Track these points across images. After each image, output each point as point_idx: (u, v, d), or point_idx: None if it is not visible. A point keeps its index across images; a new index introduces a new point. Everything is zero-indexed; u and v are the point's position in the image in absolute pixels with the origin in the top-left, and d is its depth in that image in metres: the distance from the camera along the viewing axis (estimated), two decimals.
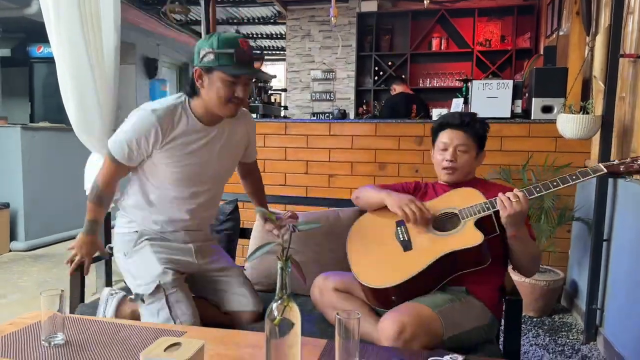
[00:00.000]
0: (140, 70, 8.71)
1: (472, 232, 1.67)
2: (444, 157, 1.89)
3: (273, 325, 1.05)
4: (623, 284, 2.68)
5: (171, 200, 1.90)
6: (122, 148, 1.80)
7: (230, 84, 1.72)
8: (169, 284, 1.81)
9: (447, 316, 1.60)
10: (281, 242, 1.08)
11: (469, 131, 1.89)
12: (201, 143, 1.83)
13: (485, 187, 1.88)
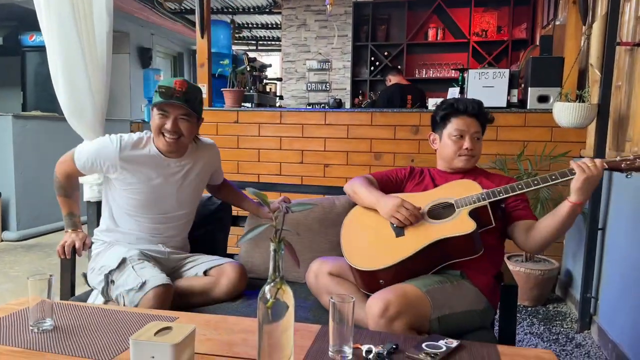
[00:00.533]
0: (134, 59, 8.64)
1: (465, 220, 1.66)
2: (460, 145, 1.86)
3: (266, 309, 1.03)
4: (617, 273, 2.68)
5: (137, 223, 2.01)
6: (85, 159, 1.95)
7: (160, 116, 1.89)
8: (134, 256, 1.86)
9: (435, 296, 1.60)
10: (274, 224, 1.05)
11: (482, 119, 1.90)
12: (160, 174, 1.98)
13: (486, 176, 1.89)
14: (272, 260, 1.05)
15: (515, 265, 3.29)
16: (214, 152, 2.19)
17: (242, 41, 10.75)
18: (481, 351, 1.25)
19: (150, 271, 1.80)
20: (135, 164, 1.95)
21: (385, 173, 2.01)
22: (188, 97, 1.89)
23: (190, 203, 2.12)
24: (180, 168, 2.02)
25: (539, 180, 1.63)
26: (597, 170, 1.53)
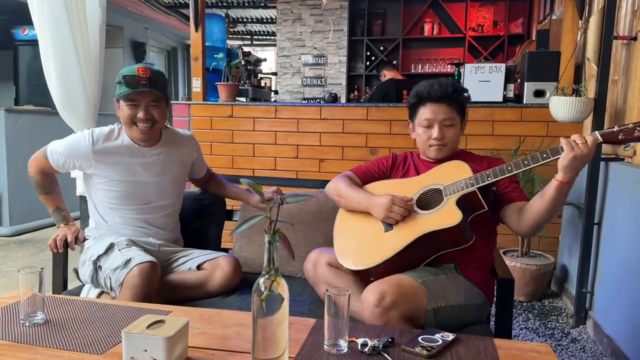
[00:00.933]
0: (128, 54, 8.57)
1: (451, 211, 1.60)
2: (429, 135, 1.78)
3: (260, 301, 1.01)
4: (613, 267, 2.68)
5: (122, 217, 1.99)
6: (57, 156, 1.94)
7: (131, 107, 1.87)
8: (122, 242, 1.85)
9: (430, 287, 1.57)
10: (269, 216, 1.03)
11: (453, 103, 1.76)
12: (137, 163, 1.96)
13: (473, 159, 1.81)
14: (267, 252, 1.03)
15: (511, 261, 3.29)
16: (192, 143, 2.18)
17: (236, 36, 10.69)
18: (477, 344, 1.24)
19: (136, 251, 1.79)
20: (110, 156, 1.93)
21: (366, 167, 1.93)
22: (154, 82, 1.87)
23: (173, 193, 2.08)
24: (157, 156, 2.01)
25: (529, 160, 1.54)
26: (587, 148, 1.43)
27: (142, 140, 1.95)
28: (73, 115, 2.98)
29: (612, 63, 2.85)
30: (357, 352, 1.19)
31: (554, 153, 1.49)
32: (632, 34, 2.71)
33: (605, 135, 1.45)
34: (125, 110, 1.88)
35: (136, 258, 1.73)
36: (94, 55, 3.07)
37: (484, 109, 3.68)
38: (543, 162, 1.52)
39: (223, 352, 1.18)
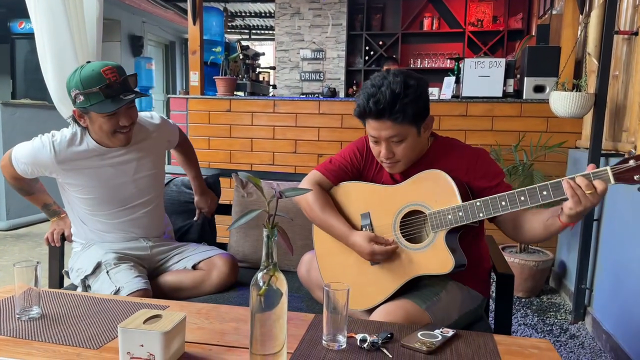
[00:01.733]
0: (126, 47, 8.53)
1: (442, 255, 1.49)
2: (378, 151, 1.56)
3: (258, 296, 1.00)
4: (612, 264, 2.67)
5: (103, 223, 1.90)
6: (23, 166, 1.82)
7: (110, 118, 1.69)
8: (110, 261, 1.77)
9: (435, 312, 1.51)
10: (267, 210, 1.02)
11: (398, 117, 1.46)
12: (107, 165, 1.82)
13: (448, 156, 1.61)
14: (265, 246, 1.01)
15: (510, 257, 3.28)
16: (163, 128, 2.01)
17: (235, 30, 10.65)
18: (477, 340, 1.23)
19: (125, 275, 1.72)
20: (77, 162, 1.79)
21: (338, 165, 1.71)
22: (127, 83, 1.72)
23: (152, 187, 1.97)
24: (128, 154, 1.86)
25: (527, 198, 1.36)
26: (597, 198, 1.27)
27: (125, 144, 1.81)
28: (70, 109, 2.94)
29: (613, 58, 2.83)
30: (356, 347, 1.17)
31: (556, 192, 1.33)
32: (633, 28, 2.70)
33: (618, 176, 1.28)
34: (104, 123, 1.71)
35: (125, 287, 1.67)
36: (91, 49, 3.03)
37: (484, 104, 3.66)
38: (543, 202, 1.35)
39: (220, 348, 1.17)
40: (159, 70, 9.80)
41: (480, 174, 1.56)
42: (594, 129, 2.79)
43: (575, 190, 1.27)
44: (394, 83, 1.46)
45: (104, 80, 1.64)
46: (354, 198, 1.67)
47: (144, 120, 1.94)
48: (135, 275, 1.74)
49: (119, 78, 1.67)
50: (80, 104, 1.69)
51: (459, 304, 1.60)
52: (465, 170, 1.56)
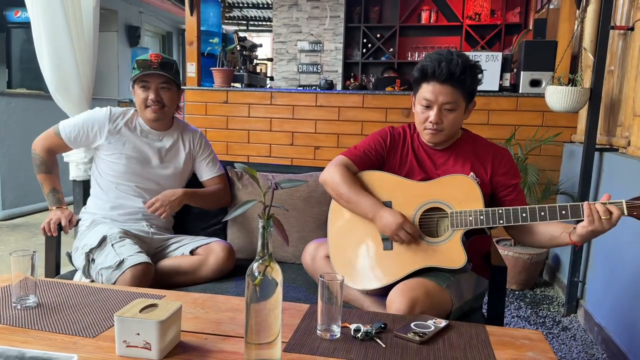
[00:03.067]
0: (122, 38, 8.49)
1: (456, 251, 1.56)
2: (426, 116, 1.62)
3: (254, 286, 1.01)
4: (604, 257, 2.69)
5: (122, 192, 2.03)
6: (70, 129, 2.01)
7: (143, 89, 1.98)
8: (115, 235, 1.84)
9: (453, 290, 1.58)
10: (263, 201, 1.03)
11: (459, 86, 1.57)
12: (144, 143, 2.05)
13: (477, 147, 1.72)
14: (261, 237, 1.02)
15: (504, 250, 3.31)
16: (199, 138, 2.19)
17: (232, 21, 10.60)
18: (470, 331, 1.25)
19: (129, 249, 1.77)
20: (123, 130, 2.03)
21: (363, 151, 1.75)
22: (165, 67, 1.97)
23: (172, 181, 2.09)
24: (165, 142, 2.09)
25: (547, 213, 1.46)
26: (610, 225, 1.38)
27: (154, 121, 2.03)
28: (66, 98, 2.94)
29: (609, 53, 2.85)
30: (350, 337, 1.19)
31: (574, 214, 1.43)
32: (629, 24, 2.71)
33: (631, 210, 1.38)
34: (139, 94, 1.99)
35: (129, 259, 1.71)
36: (88, 38, 3.03)
37: (480, 97, 3.67)
38: (561, 220, 1.46)
39: (216, 337, 1.18)
40: None
41: (503, 170, 1.67)
42: (588, 124, 2.81)
43: (593, 212, 1.38)
44: (463, 56, 1.59)
45: (146, 58, 1.96)
46: (378, 186, 1.70)
47: (187, 123, 2.22)
48: (139, 250, 1.79)
49: (158, 60, 1.96)
50: (131, 79, 2.01)
51: (472, 286, 1.68)
52: (492, 163, 1.67)
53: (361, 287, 1.65)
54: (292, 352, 1.12)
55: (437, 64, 1.56)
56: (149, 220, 2.03)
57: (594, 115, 2.79)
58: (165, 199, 1.94)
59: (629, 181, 2.46)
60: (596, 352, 2.52)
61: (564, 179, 3.44)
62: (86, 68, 3.03)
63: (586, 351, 2.53)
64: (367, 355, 1.12)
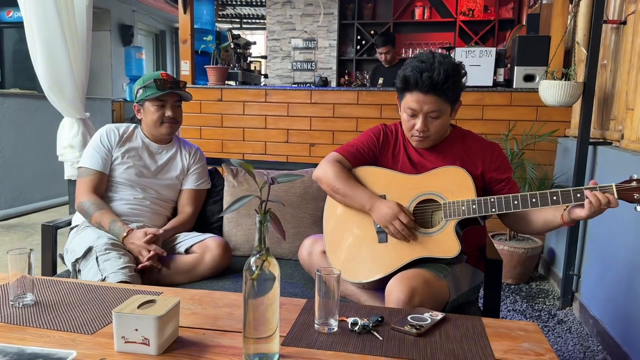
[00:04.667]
0: (116, 37, 8.46)
1: (450, 240, 1.57)
2: (412, 124, 1.65)
3: (251, 281, 1.02)
4: (599, 250, 2.71)
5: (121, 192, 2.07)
6: (91, 158, 2.05)
7: (159, 107, 2.07)
8: (101, 246, 1.80)
9: (450, 281, 1.60)
10: (259, 196, 1.03)
11: (442, 95, 1.59)
12: (145, 153, 2.14)
13: (466, 145, 1.74)
14: (258, 232, 1.03)
15: (499, 244, 3.32)
16: (197, 156, 2.25)
17: (226, 19, 10.58)
18: (466, 323, 1.26)
19: (113, 264, 1.74)
20: (127, 142, 2.11)
21: (356, 148, 1.78)
22: (178, 85, 2.09)
23: (167, 190, 2.15)
24: (164, 154, 2.17)
25: (538, 199, 1.48)
26: (607, 208, 1.42)
27: (168, 135, 2.14)
28: (60, 97, 2.94)
29: (602, 47, 2.86)
30: (347, 330, 1.20)
31: (565, 199, 1.46)
32: (621, 18, 2.72)
33: (621, 193, 1.42)
34: (154, 112, 2.07)
35: (110, 277, 1.69)
36: (81, 37, 3.02)
37: (474, 93, 3.68)
38: (552, 205, 1.48)
39: (214, 332, 1.18)
40: (149, 60, 9.73)
41: (494, 165, 1.69)
42: (582, 118, 2.82)
43: (594, 201, 1.40)
44: (445, 63, 1.58)
45: (159, 77, 2.05)
46: (372, 181, 1.73)
47: (185, 140, 2.31)
48: (123, 265, 1.75)
49: (171, 79, 2.07)
50: (139, 97, 2.07)
51: (469, 277, 1.70)
52: (482, 159, 1.69)
53: (358, 281, 1.66)
54: (290, 345, 1.12)
55: (419, 74, 1.57)
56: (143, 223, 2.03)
57: (587, 109, 2.81)
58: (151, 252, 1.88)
59: (623, 174, 2.46)
60: (591, 344, 2.54)
61: (558, 173, 3.46)
62: (80, 67, 3.02)
63: (582, 344, 2.55)
64: (365, 348, 1.12)
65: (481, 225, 1.66)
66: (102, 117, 6.11)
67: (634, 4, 2.54)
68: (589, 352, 2.47)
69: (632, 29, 2.56)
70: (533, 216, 1.61)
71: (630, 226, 2.30)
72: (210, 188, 2.29)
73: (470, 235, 1.66)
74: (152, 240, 1.87)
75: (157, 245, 1.89)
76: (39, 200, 5.35)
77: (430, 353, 1.11)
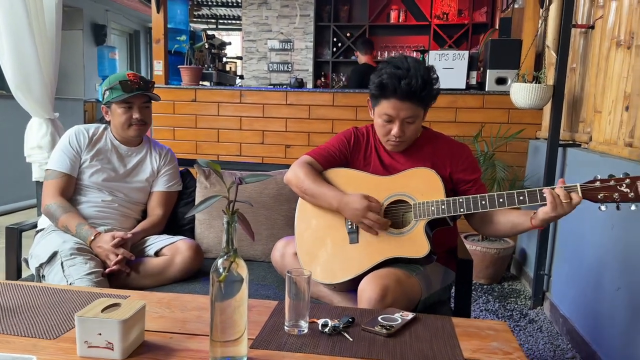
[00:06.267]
0: (88, 36, 8.30)
1: (420, 240, 1.57)
2: (389, 129, 1.65)
3: (219, 283, 1.00)
4: (569, 250, 2.76)
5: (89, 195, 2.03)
6: (59, 161, 1.99)
7: (126, 109, 2.02)
8: (66, 251, 1.76)
9: (422, 279, 1.61)
10: (227, 196, 1.02)
11: (419, 101, 1.60)
12: (114, 156, 2.09)
13: (436, 146, 1.75)
14: (226, 233, 1.01)
15: (472, 244, 3.36)
16: (169, 157, 2.21)
17: (201, 19, 10.49)
18: (436, 323, 1.26)
19: (78, 270, 1.69)
20: (96, 144, 2.07)
21: (327, 150, 1.78)
22: (146, 86, 2.03)
23: (136, 193, 2.10)
24: (133, 156, 2.12)
25: (505, 199, 1.49)
26: (571, 207, 1.43)
27: (136, 137, 2.09)
28: (28, 97, 2.87)
29: (571, 51, 2.92)
30: (317, 332, 1.19)
31: (532, 199, 1.47)
32: (590, 22, 2.78)
33: (585, 192, 1.43)
34: (120, 114, 2.02)
35: (77, 283, 1.65)
36: (50, 35, 2.95)
37: (448, 95, 3.72)
38: (519, 204, 1.49)
39: (181, 336, 1.16)
40: (123, 60, 9.58)
41: (462, 167, 1.70)
42: (552, 120, 2.87)
43: (555, 198, 1.42)
44: (421, 69, 1.59)
45: (125, 78, 1.99)
46: (344, 182, 1.73)
47: (156, 141, 2.26)
48: (89, 271, 1.70)
49: (138, 79, 2.01)
50: (106, 99, 2.02)
51: (440, 277, 1.72)
52: (450, 161, 1.70)
53: (329, 282, 1.66)
54: (258, 348, 1.11)
55: (397, 81, 1.56)
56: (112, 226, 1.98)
57: (557, 111, 2.86)
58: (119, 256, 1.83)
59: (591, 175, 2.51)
60: (561, 342, 2.59)
61: (529, 175, 3.52)
62: (49, 66, 2.95)
63: (552, 342, 2.59)
64: (335, 349, 1.12)
65: (451, 226, 1.67)
66: (74, 117, 5.98)
67: (602, 9, 2.59)
68: (559, 351, 2.51)
69: (599, 34, 2.62)
70: (500, 219, 1.61)
71: (598, 225, 2.34)
72: (181, 190, 2.26)
73: (440, 236, 1.67)
74: (119, 243, 1.82)
75: (125, 248, 1.84)
76: (7, 202, 5.21)
77: (399, 353, 1.10)
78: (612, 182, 1.41)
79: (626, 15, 2.32)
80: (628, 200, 1.39)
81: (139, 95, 2.01)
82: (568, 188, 1.44)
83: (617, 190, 1.40)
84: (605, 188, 1.42)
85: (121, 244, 1.83)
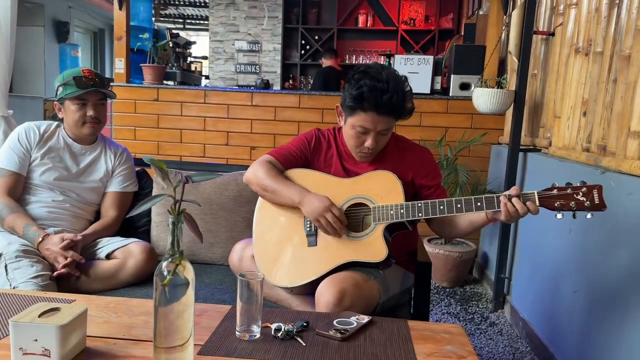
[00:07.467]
0: (50, 33, 8.05)
1: (378, 244, 1.56)
2: (362, 141, 1.63)
3: (162, 287, 0.95)
4: (529, 254, 2.80)
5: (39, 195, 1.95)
6: (7, 158, 1.92)
7: (80, 106, 1.96)
8: (11, 253, 1.68)
9: (380, 282, 1.60)
10: (173, 195, 0.97)
11: (397, 115, 1.61)
12: (67, 154, 2.02)
13: (399, 151, 1.75)
14: (171, 234, 0.97)
15: (434, 248, 3.37)
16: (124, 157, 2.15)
17: (168, 19, 10.33)
18: (392, 326, 1.24)
19: (23, 273, 1.62)
20: (48, 142, 2.00)
21: (288, 150, 1.76)
22: (101, 83, 1.98)
23: (89, 193, 2.04)
24: (87, 154, 2.06)
25: (463, 205, 1.49)
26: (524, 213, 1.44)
27: (90, 135, 2.03)
28: None
29: (532, 57, 2.96)
30: (270, 337, 1.15)
31: (489, 205, 1.47)
32: (550, 29, 2.83)
33: (542, 200, 1.44)
34: (73, 111, 1.96)
35: (21, 287, 1.58)
36: (4, 32, 2.84)
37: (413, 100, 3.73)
38: (476, 211, 1.49)
39: (126, 341, 1.11)
40: (87, 58, 9.35)
41: (424, 172, 1.70)
42: (513, 125, 2.91)
43: (510, 210, 1.44)
44: (400, 83, 1.60)
45: (79, 74, 1.93)
46: (305, 183, 1.69)
47: (111, 140, 2.19)
48: (35, 274, 1.63)
49: (93, 75, 1.96)
50: (59, 96, 1.96)
51: (400, 280, 1.71)
52: (412, 166, 1.70)
53: (287, 285, 1.62)
54: (206, 354, 1.07)
55: (379, 96, 1.53)
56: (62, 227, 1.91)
57: (518, 117, 2.90)
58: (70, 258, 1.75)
59: (550, 179, 2.54)
60: (520, 345, 2.61)
61: (491, 179, 3.56)
62: (3, 63, 2.84)
63: (511, 345, 2.62)
64: (286, 354, 1.08)
65: (409, 231, 1.66)
66: (33, 116, 5.77)
67: (562, 16, 2.64)
68: (518, 354, 2.53)
69: (559, 40, 2.67)
70: (459, 220, 1.63)
71: (556, 229, 2.38)
72: (137, 190, 2.18)
73: (400, 239, 1.66)
74: (69, 246, 1.74)
75: (75, 251, 1.76)
76: None
77: (353, 357, 1.08)
78: (569, 190, 1.42)
79: (584, 23, 2.36)
80: (584, 209, 1.40)
81: (94, 92, 1.95)
82: (525, 196, 1.45)
83: (573, 199, 1.41)
84: (562, 196, 1.42)
85: (71, 246, 1.75)
